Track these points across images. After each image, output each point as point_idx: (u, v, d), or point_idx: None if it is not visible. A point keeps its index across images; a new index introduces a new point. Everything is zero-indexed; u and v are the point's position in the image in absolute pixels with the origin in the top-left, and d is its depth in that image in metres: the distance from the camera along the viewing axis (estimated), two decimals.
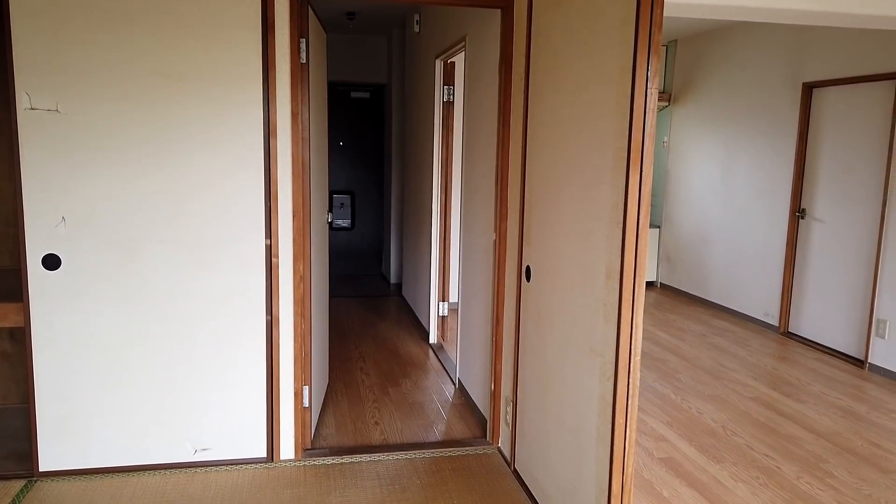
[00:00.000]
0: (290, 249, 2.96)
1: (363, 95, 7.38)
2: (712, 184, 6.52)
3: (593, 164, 2.13)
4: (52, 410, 2.85)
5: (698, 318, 6.19)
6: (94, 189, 2.72)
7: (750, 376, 4.57)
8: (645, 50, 1.83)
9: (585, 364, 2.21)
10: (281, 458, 3.09)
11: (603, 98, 2.05)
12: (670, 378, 4.49)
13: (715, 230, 6.50)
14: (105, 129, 2.69)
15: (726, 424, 3.74)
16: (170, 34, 2.69)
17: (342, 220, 7.66)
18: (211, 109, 2.77)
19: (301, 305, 3.02)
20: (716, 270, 6.50)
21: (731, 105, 6.23)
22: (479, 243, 3.55)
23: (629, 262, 1.93)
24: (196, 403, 2.96)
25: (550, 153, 2.50)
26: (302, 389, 3.09)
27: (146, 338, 2.87)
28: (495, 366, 3.20)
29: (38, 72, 2.60)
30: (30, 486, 2.83)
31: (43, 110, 2.62)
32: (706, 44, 6.58)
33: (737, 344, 5.36)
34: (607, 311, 2.05)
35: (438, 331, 5.07)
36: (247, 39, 2.74)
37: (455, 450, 3.27)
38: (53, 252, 2.74)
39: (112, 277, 2.80)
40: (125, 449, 2.92)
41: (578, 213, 2.25)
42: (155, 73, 2.70)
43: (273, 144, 2.84)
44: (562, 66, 2.37)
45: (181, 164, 2.78)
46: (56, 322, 2.79)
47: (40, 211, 2.70)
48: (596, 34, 2.09)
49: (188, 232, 2.83)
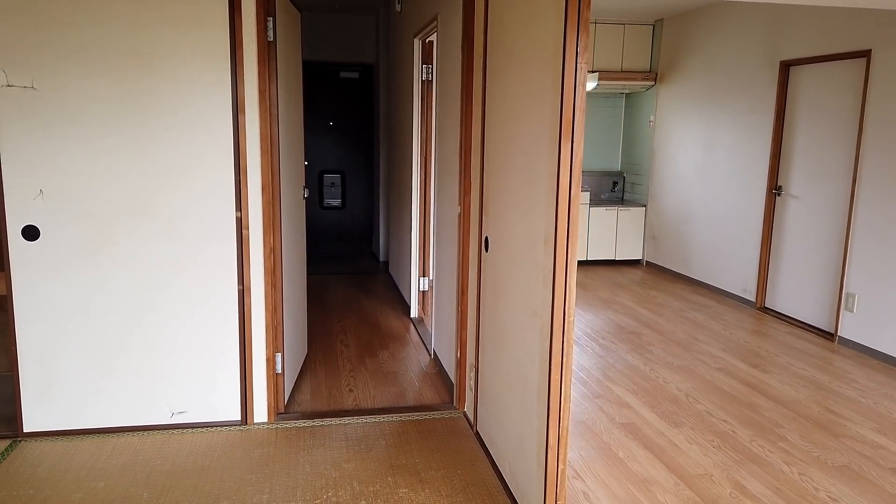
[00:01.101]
0: (261, 222, 3.08)
1: (352, 76, 7.46)
2: (695, 162, 6.61)
3: (535, 137, 2.23)
4: (34, 375, 3.00)
5: (679, 294, 6.30)
6: (69, 163, 2.84)
7: (720, 349, 4.70)
8: (574, 25, 1.93)
9: (528, 326, 2.34)
10: (254, 422, 3.24)
11: (541, 73, 2.15)
12: (642, 350, 4.62)
13: (697, 208, 6.60)
14: (79, 106, 2.80)
15: (690, 393, 3.87)
16: (141, 13, 2.79)
17: (333, 200, 7.78)
18: (181, 86, 2.88)
19: (272, 276, 3.15)
20: (698, 248, 6.61)
21: (713, 84, 6.29)
22: (449, 218, 3.66)
23: (562, 229, 2.04)
24: (173, 368, 3.10)
25: (503, 127, 2.61)
26: (274, 356, 3.23)
27: (123, 305, 3.00)
28: (460, 334, 3.33)
29: (13, 49, 2.71)
30: (14, 445, 2.99)
31: (19, 87, 2.74)
32: (691, 23, 6.63)
33: (713, 318, 5.48)
34: (545, 275, 2.17)
35: (419, 305, 5.20)
36: (214, 18, 2.85)
37: (423, 414, 3.41)
38: (32, 224, 2.87)
39: (89, 248, 2.93)
40: (104, 411, 3.08)
41: (523, 184, 2.36)
42: (127, 52, 2.81)
43: (241, 120, 2.96)
44: (510, 43, 2.47)
45: (153, 139, 2.90)
46: (37, 290, 2.92)
47: (19, 184, 2.82)
48: (535, 12, 2.19)
49: (161, 204, 2.96)
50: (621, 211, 7.45)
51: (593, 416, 3.52)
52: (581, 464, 3.00)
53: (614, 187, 7.95)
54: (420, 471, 2.85)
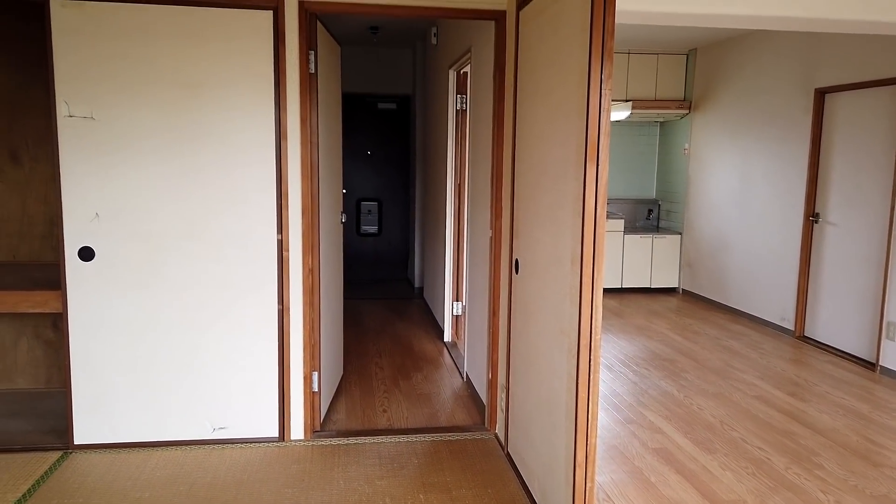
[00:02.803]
0: (300, 244, 3.21)
1: (390, 106, 7.68)
2: (731, 190, 6.58)
3: (561, 160, 2.32)
4: (86, 390, 3.15)
5: (715, 322, 6.24)
6: (123, 188, 3.03)
7: (757, 377, 4.64)
8: (599, 54, 2.02)
9: (557, 344, 2.39)
10: (291, 438, 3.33)
11: (567, 99, 2.24)
12: (677, 377, 4.59)
13: (733, 235, 6.55)
14: (133, 134, 3.00)
15: (724, 420, 3.84)
16: (191, 47, 2.98)
17: (370, 227, 7.94)
18: (228, 115, 3.05)
19: (310, 296, 3.26)
20: (735, 276, 6.55)
21: (748, 111, 6.30)
22: (481, 242, 3.75)
23: (588, 248, 2.11)
24: (215, 385, 3.23)
25: (532, 153, 2.70)
26: (311, 375, 3.33)
27: (169, 323, 3.15)
28: (492, 355, 3.39)
29: (75, 83, 2.92)
30: (65, 457, 3.13)
31: (79, 117, 2.95)
32: (725, 52, 6.67)
33: (750, 347, 5.41)
34: (572, 294, 2.23)
35: (452, 329, 5.27)
36: (260, 52, 3.02)
37: (455, 435, 3.46)
38: (88, 245, 3.05)
39: (139, 269, 3.09)
40: (150, 426, 3.21)
41: (551, 206, 2.44)
42: (177, 83, 3.00)
43: (284, 147, 3.11)
44: (538, 71, 2.58)
45: (200, 166, 3.07)
46: (90, 309, 3.09)
47: (77, 207, 3.01)
48: (561, 41, 2.29)
49: (206, 227, 3.11)
50: (656, 238, 7.43)
51: (625, 440, 3.52)
52: (612, 488, 3.00)
53: (649, 215, 7.94)
54: (451, 489, 2.89)
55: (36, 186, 3.77)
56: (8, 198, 3.76)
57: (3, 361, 3.89)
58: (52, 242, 3.84)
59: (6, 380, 3.90)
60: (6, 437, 3.28)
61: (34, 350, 3.91)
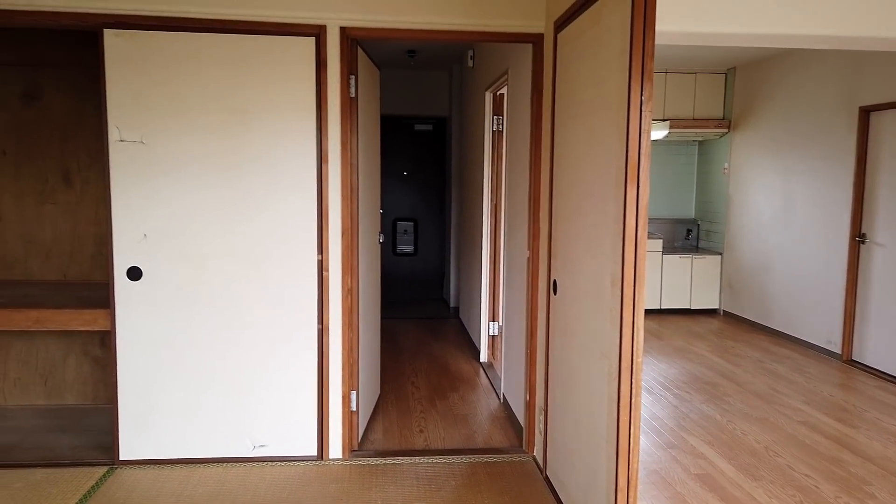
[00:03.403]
0: (340, 265, 3.26)
1: (426, 128, 7.76)
2: (773, 209, 6.46)
3: (601, 181, 2.32)
4: (132, 406, 3.23)
5: (758, 345, 6.10)
6: (170, 210, 3.12)
7: (803, 401, 4.51)
8: (638, 76, 2.02)
9: (597, 367, 2.37)
10: (330, 457, 3.35)
11: (607, 120, 2.25)
12: (719, 401, 4.49)
13: (776, 256, 6.42)
14: (180, 157, 3.09)
15: (770, 445, 3.74)
16: (237, 74, 3.08)
17: (406, 247, 8.00)
18: (271, 139, 3.13)
19: (349, 316, 3.30)
20: (778, 297, 6.40)
21: (789, 130, 6.20)
22: (518, 262, 3.75)
23: (629, 269, 2.10)
24: (255, 403, 3.27)
25: (570, 174, 2.70)
26: (349, 394, 3.36)
27: (212, 342, 3.22)
28: (530, 377, 3.37)
29: (127, 109, 3.04)
30: (111, 472, 3.20)
31: (130, 142, 3.05)
32: (764, 70, 6.58)
33: (795, 370, 5.27)
34: (613, 316, 2.22)
35: (489, 350, 5.25)
36: (302, 76, 3.10)
37: (492, 456, 3.44)
38: (136, 265, 3.14)
39: (184, 288, 3.17)
40: (192, 443, 3.26)
41: (591, 227, 2.43)
42: (223, 109, 3.09)
43: (325, 170, 3.17)
44: (577, 93, 2.59)
45: (244, 187, 3.15)
46: (137, 327, 3.18)
47: (126, 228, 3.11)
48: (601, 63, 2.30)
49: (250, 247, 3.18)
50: (696, 259, 7.32)
51: (667, 466, 3.45)
52: None
53: (688, 235, 7.83)
54: None
55: (86, 208, 3.91)
56: (60, 219, 3.90)
57: (52, 378, 4.01)
58: (101, 262, 3.97)
59: (55, 395, 4.01)
60: (55, 451, 3.37)
61: (82, 367, 4.02)
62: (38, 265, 3.92)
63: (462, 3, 3.13)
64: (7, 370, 3.97)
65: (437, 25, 3.14)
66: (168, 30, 3.01)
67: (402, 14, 3.11)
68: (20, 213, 3.87)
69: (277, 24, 3.05)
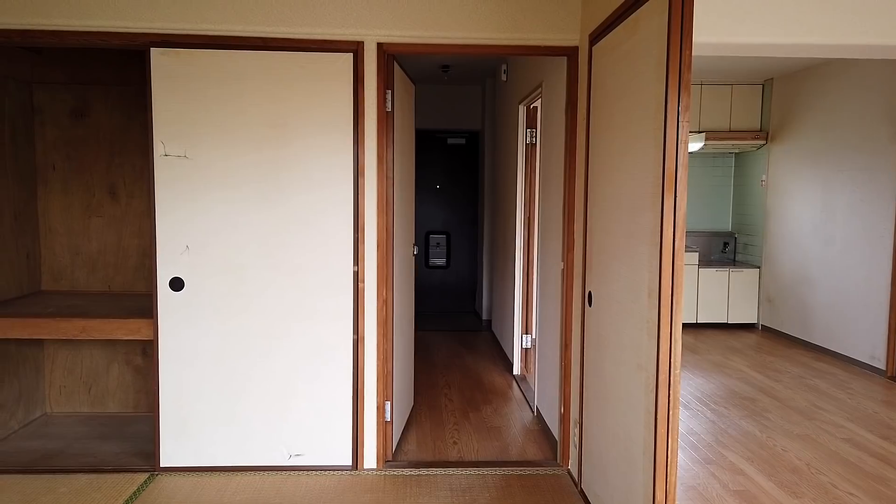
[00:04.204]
0: (375, 276, 3.30)
1: (459, 142, 7.81)
2: (813, 222, 6.34)
3: (637, 192, 2.31)
4: (172, 414, 3.30)
5: (798, 360, 5.96)
6: (211, 222, 3.20)
7: (846, 418, 4.40)
8: (675, 87, 2.02)
9: (633, 379, 2.36)
10: (364, 467, 3.38)
11: (643, 132, 2.25)
12: (758, 417, 4.40)
13: (817, 269, 6.28)
14: (221, 171, 3.18)
15: (811, 463, 3.65)
16: (277, 89, 3.16)
17: (438, 259, 8.03)
18: (309, 153, 3.20)
19: (384, 327, 3.33)
20: (819, 311, 6.26)
21: (830, 141, 6.08)
22: (552, 274, 3.74)
23: (666, 281, 2.09)
24: (292, 413, 3.32)
25: (605, 185, 2.70)
26: (384, 404, 3.38)
27: (250, 351, 3.28)
28: (564, 389, 3.36)
29: (171, 124, 3.13)
30: (152, 478, 3.27)
31: (174, 156, 3.15)
32: (802, 81, 6.49)
33: (837, 386, 5.14)
34: (650, 327, 2.20)
35: (522, 362, 5.24)
36: (340, 92, 3.17)
37: (526, 469, 3.42)
38: (178, 276, 3.22)
39: (224, 298, 3.24)
40: (230, 451, 3.32)
41: (627, 238, 2.43)
42: (264, 124, 3.17)
43: (361, 183, 3.22)
44: (612, 104, 2.59)
45: (283, 200, 3.22)
46: (178, 336, 3.26)
47: (169, 240, 3.20)
48: (637, 75, 2.30)
49: (288, 259, 3.24)
50: (733, 272, 7.20)
51: (705, 482, 3.39)
52: None
53: (725, 248, 7.72)
54: None
55: (131, 221, 4.03)
56: (106, 232, 4.02)
57: (96, 386, 4.12)
58: (144, 273, 4.08)
59: (99, 403, 4.12)
60: (98, 457, 3.46)
61: (124, 375, 4.12)
62: (84, 276, 4.04)
63: (497, 18, 3.17)
64: (53, 379, 4.09)
65: (472, 40, 3.18)
66: (212, 48, 3.10)
67: (438, 29, 3.16)
68: (68, 226, 4.01)
69: (317, 40, 3.13)
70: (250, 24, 3.10)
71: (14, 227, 3.76)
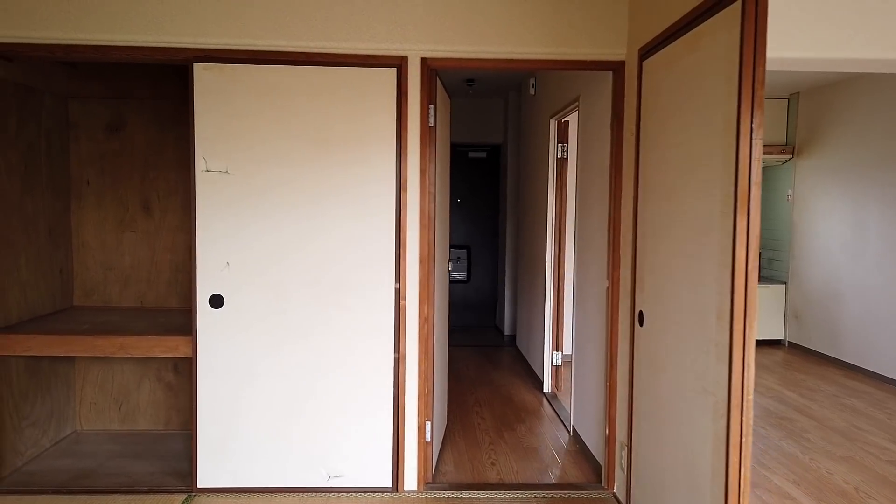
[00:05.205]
0: (417, 293, 3.24)
1: (480, 155, 7.77)
2: (843, 237, 6.25)
3: (702, 212, 2.25)
4: (210, 433, 3.24)
5: (830, 378, 5.86)
6: (253, 238, 3.15)
7: (889, 439, 4.29)
8: (749, 104, 1.97)
9: (698, 403, 2.28)
10: (405, 489, 3.30)
11: (709, 150, 2.19)
12: (798, 437, 4.31)
13: (847, 286, 6.19)
14: (263, 187, 3.13)
15: (860, 486, 3.56)
16: (320, 104, 3.12)
17: (458, 273, 7.97)
18: (352, 168, 3.15)
19: (425, 345, 3.27)
20: (849, 329, 6.16)
21: (859, 156, 6.01)
22: (593, 292, 3.68)
23: (739, 303, 2.02)
24: (331, 433, 3.25)
25: (661, 202, 2.64)
26: (424, 424, 3.31)
27: (290, 370, 3.22)
28: (609, 410, 3.28)
29: (213, 140, 3.10)
30: (189, 500, 3.21)
31: (216, 172, 3.11)
32: (830, 95, 6.43)
33: (874, 406, 5.03)
34: (719, 351, 2.14)
35: (552, 380, 5.15)
36: (384, 106, 3.13)
37: (569, 492, 3.34)
38: (218, 293, 3.17)
39: (264, 316, 3.19)
40: (269, 472, 3.25)
41: (689, 258, 2.36)
42: (307, 139, 3.13)
43: (403, 198, 3.18)
44: (670, 121, 2.54)
45: (325, 216, 3.17)
46: (217, 354, 3.20)
47: (210, 257, 3.15)
48: (702, 91, 2.25)
49: (329, 276, 3.19)
50: (759, 288, 7.11)
51: None
52: None
53: None
54: None
55: (164, 236, 3.99)
56: (139, 247, 3.99)
57: (126, 403, 4.06)
58: (177, 289, 4.03)
59: (129, 421, 4.07)
60: (133, 477, 3.40)
61: (155, 392, 4.07)
62: (116, 291, 4.00)
63: (542, 32, 3.13)
64: (84, 395, 4.04)
65: (516, 55, 3.13)
66: (255, 63, 3.07)
67: (481, 44, 3.12)
68: (101, 241, 3.97)
69: (360, 55, 3.09)
70: (293, 39, 3.07)
71: (49, 242, 3.72)
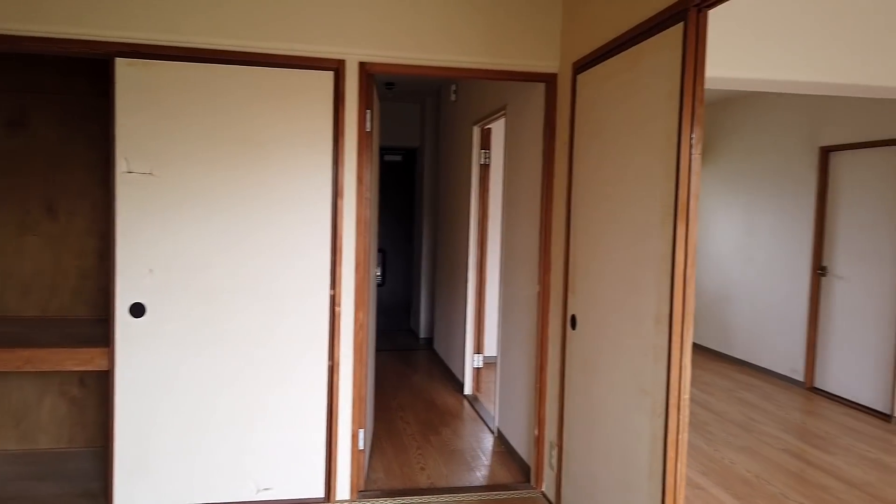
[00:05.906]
0: (353, 299, 3.20)
1: (396, 158, 7.77)
2: (735, 242, 6.75)
3: (640, 220, 2.38)
4: (128, 450, 3.05)
5: (724, 373, 6.31)
6: (179, 244, 3.00)
7: (780, 429, 4.68)
8: (689, 120, 2.10)
9: (635, 403, 2.41)
10: (337, 499, 3.25)
11: (649, 163, 2.32)
12: (701, 430, 4.61)
13: (738, 287, 6.69)
14: (192, 190, 2.99)
15: (760, 474, 3.86)
16: (251, 105, 3.02)
17: None
18: (286, 172, 3.07)
19: (360, 352, 3.24)
20: (740, 327, 6.66)
21: (750, 167, 6.52)
22: (521, 296, 3.78)
23: (678, 308, 2.15)
24: (260, 444, 3.15)
25: (595, 210, 2.76)
26: (358, 432, 3.28)
27: (218, 380, 3.09)
28: (539, 411, 3.38)
29: (136, 140, 2.92)
30: None
31: (139, 173, 2.94)
32: (726, 109, 6.93)
33: (764, 399, 5.47)
34: (657, 353, 2.26)
35: (474, 382, 5.24)
36: (320, 111, 3.07)
37: (500, 493, 3.41)
38: (139, 301, 3.00)
39: (190, 325, 3.04)
40: (194, 487, 3.10)
41: (626, 264, 2.49)
42: (237, 141, 3.02)
43: (340, 204, 3.13)
44: (607, 133, 2.66)
45: (257, 221, 3.07)
46: (138, 366, 3.02)
47: (131, 264, 2.97)
48: (642, 106, 2.38)
49: (261, 283, 3.09)
50: None
51: None
52: None
53: None
54: None
55: (71, 241, 3.72)
56: (42, 251, 3.69)
57: (26, 420, 3.75)
58: (85, 297, 3.77)
59: (28, 440, 3.75)
60: (39, 501, 3.14)
61: (58, 408, 3.78)
62: (15, 300, 3.68)
63: (479, 43, 3.18)
64: None
65: (454, 63, 3.17)
66: (184, 60, 2.93)
67: (420, 51, 3.14)
68: None
69: (297, 56, 3.02)
70: (228, 37, 2.96)
71: None
